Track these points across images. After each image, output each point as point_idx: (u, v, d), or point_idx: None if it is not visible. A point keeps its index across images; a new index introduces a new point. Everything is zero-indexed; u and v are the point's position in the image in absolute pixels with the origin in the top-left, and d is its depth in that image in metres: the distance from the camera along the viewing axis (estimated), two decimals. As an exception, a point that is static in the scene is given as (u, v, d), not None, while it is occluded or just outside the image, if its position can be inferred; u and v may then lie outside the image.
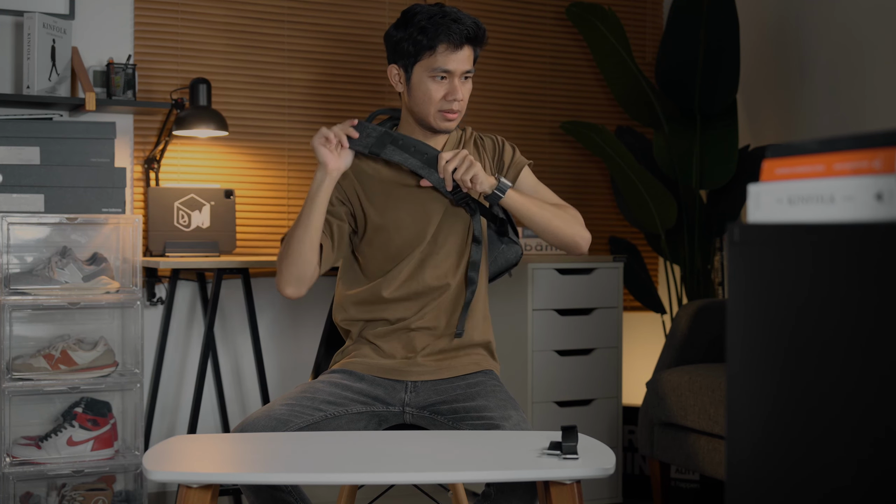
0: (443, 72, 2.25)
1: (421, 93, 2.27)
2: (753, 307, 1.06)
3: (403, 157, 2.27)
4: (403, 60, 2.29)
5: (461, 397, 2.22)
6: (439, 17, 2.25)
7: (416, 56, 2.27)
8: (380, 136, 2.27)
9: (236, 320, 3.62)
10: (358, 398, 2.22)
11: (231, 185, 3.58)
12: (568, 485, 1.77)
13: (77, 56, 3.31)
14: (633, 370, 4.19)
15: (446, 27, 2.24)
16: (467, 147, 2.38)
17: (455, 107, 2.27)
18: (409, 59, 2.28)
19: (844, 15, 3.66)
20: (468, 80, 2.31)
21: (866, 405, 0.92)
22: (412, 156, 2.27)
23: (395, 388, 2.27)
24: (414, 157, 2.26)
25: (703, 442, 3.10)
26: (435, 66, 2.25)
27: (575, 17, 3.95)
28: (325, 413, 2.15)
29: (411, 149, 2.27)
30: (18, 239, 3.12)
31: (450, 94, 2.26)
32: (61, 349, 3.03)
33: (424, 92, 2.27)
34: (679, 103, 3.86)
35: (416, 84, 2.28)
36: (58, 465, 2.98)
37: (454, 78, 2.27)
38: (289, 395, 2.18)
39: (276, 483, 2.00)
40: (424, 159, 2.26)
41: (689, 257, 3.93)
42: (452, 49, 2.24)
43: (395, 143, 2.27)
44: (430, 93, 2.26)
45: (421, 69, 2.27)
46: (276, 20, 3.68)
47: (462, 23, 2.25)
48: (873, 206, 0.94)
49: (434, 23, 2.24)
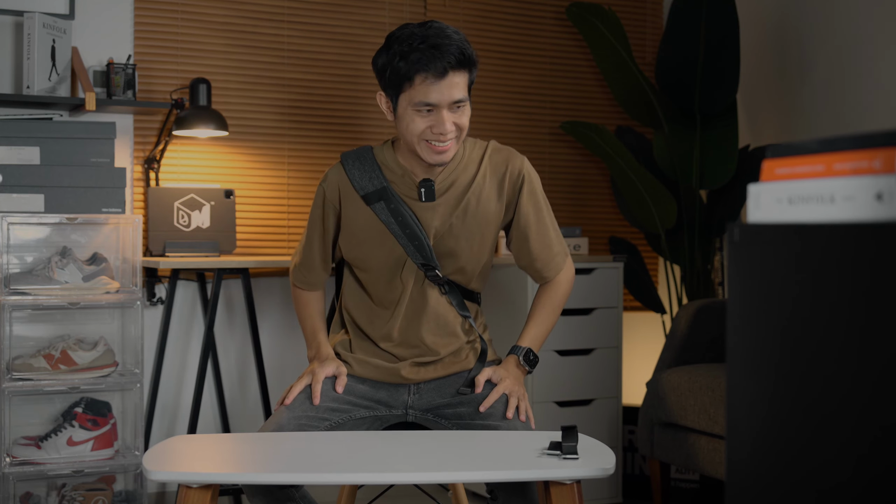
0: (426, 105, 2.07)
1: (405, 125, 2.11)
2: (753, 307, 1.06)
3: (388, 219, 2.19)
4: (388, 89, 2.13)
5: (466, 401, 2.19)
6: (418, 41, 2.04)
7: (398, 86, 2.09)
8: (377, 189, 2.20)
9: (236, 320, 3.62)
10: (361, 402, 2.21)
11: (231, 185, 3.58)
12: (568, 485, 1.77)
13: (77, 56, 3.31)
14: (633, 370, 4.19)
15: (425, 56, 2.03)
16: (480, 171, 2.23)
17: (444, 139, 2.10)
18: (392, 88, 2.11)
19: (844, 15, 3.66)
20: (462, 107, 2.11)
21: (866, 405, 0.92)
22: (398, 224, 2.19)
23: (399, 391, 2.26)
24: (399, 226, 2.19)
25: (703, 442, 3.10)
26: (416, 99, 2.07)
27: (575, 17, 3.95)
28: (331, 422, 2.15)
29: (399, 217, 2.19)
30: (18, 239, 3.12)
31: (436, 128, 2.08)
32: (61, 349, 3.03)
33: (408, 125, 2.10)
34: (679, 103, 3.86)
35: (401, 116, 2.12)
36: (58, 465, 2.98)
37: (441, 110, 2.08)
38: (293, 405, 2.14)
39: (275, 483, 2.00)
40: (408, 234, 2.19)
41: (689, 257, 3.93)
42: (433, 79, 2.04)
43: (388, 205, 2.19)
44: (413, 126, 2.09)
45: (404, 101, 2.10)
46: (276, 20, 3.68)
47: (442, 49, 2.04)
48: (873, 206, 0.94)
49: (413, 49, 2.04)
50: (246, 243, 3.63)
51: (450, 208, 2.21)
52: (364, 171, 2.22)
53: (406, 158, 2.21)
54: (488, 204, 2.23)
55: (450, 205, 2.21)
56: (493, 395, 2.15)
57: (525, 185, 2.24)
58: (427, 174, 2.21)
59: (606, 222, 4.24)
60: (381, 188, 2.19)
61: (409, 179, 2.21)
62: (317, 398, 2.12)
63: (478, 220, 2.22)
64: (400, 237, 2.19)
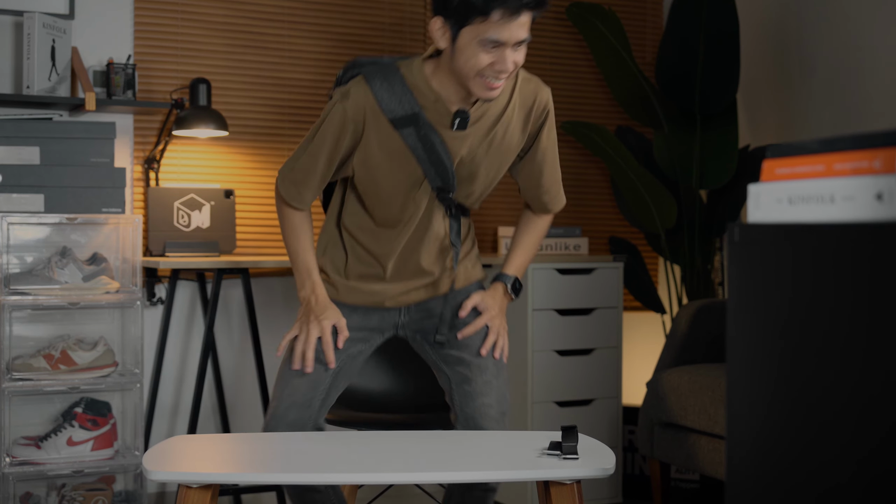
0: (493, 42, 2.02)
1: (465, 59, 2.04)
2: (753, 307, 1.06)
3: (416, 144, 2.15)
4: (452, 18, 2.04)
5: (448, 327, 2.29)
6: None
7: (466, 18, 2.02)
8: (408, 115, 2.13)
9: (236, 320, 3.62)
10: (356, 336, 2.27)
11: (231, 185, 3.58)
12: (568, 485, 1.77)
13: (77, 56, 3.31)
14: (633, 370, 4.19)
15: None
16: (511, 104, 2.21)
17: (501, 77, 2.06)
18: (458, 17, 2.03)
19: (844, 15, 3.66)
20: (522, 47, 2.06)
21: (866, 404, 0.92)
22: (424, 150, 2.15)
23: (389, 313, 2.32)
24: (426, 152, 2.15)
25: (703, 442, 3.10)
26: (486, 34, 2.01)
27: (575, 17, 3.95)
28: (334, 371, 2.22)
29: (427, 143, 2.14)
30: (18, 239, 3.12)
31: (498, 65, 2.04)
32: (61, 349, 3.03)
33: (469, 59, 2.04)
34: (679, 103, 3.86)
35: (462, 48, 2.05)
36: (58, 465, 2.98)
37: (505, 48, 2.03)
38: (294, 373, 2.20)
39: (276, 483, 2.00)
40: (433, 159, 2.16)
41: (689, 257, 3.93)
42: (508, 17, 1.99)
43: (417, 131, 2.14)
44: (475, 61, 2.03)
45: (469, 34, 2.03)
46: (276, 20, 3.68)
47: None
48: (873, 206, 0.94)
49: None
50: (246, 243, 3.63)
51: (478, 139, 2.20)
52: (393, 93, 2.14)
53: (442, 84, 2.14)
54: (513, 135, 2.24)
55: (478, 135, 2.19)
56: (474, 325, 2.26)
57: (548, 119, 2.27)
58: (462, 104, 2.16)
59: (606, 222, 4.24)
60: (413, 114, 2.13)
61: (443, 107, 2.15)
62: (332, 362, 2.19)
63: (501, 151, 2.24)
64: (423, 161, 2.17)
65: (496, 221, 4.01)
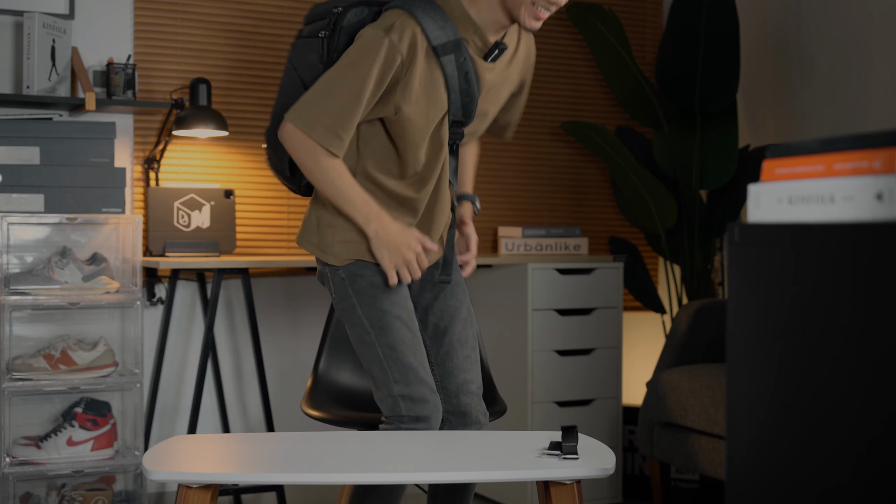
0: None
1: None
2: (753, 307, 1.06)
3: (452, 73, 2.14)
4: None
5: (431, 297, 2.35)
6: None
7: None
8: (452, 41, 2.13)
9: (236, 320, 3.62)
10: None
11: (231, 185, 3.58)
12: (568, 485, 1.77)
13: (77, 56, 3.31)
14: (633, 370, 4.19)
15: None
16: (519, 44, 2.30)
17: (551, 9, 2.11)
18: None
19: (844, 15, 3.66)
20: None
21: (865, 404, 0.92)
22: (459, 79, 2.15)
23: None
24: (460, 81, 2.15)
25: (703, 442, 3.10)
26: None
27: (575, 17, 3.95)
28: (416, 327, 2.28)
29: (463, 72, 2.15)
30: (18, 239, 3.12)
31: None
32: (61, 349, 3.03)
33: None
34: (679, 103, 3.86)
35: None
36: (58, 465, 2.98)
37: None
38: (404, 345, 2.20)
39: (276, 483, 2.00)
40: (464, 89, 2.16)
41: (689, 257, 3.93)
42: None
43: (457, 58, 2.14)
44: None
45: None
46: (276, 20, 3.68)
47: None
48: (873, 206, 0.94)
49: None
50: (246, 243, 3.63)
51: (499, 74, 2.26)
52: (436, 20, 2.13)
53: (482, 14, 2.16)
54: (514, 76, 2.34)
55: (499, 70, 2.26)
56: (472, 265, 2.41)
57: (533, 62, 2.40)
58: (496, 36, 2.20)
59: (606, 222, 4.23)
60: (456, 40, 2.13)
61: (480, 37, 2.17)
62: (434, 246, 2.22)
63: (507, 87, 2.33)
64: (454, 91, 2.17)
65: (496, 221, 4.01)
